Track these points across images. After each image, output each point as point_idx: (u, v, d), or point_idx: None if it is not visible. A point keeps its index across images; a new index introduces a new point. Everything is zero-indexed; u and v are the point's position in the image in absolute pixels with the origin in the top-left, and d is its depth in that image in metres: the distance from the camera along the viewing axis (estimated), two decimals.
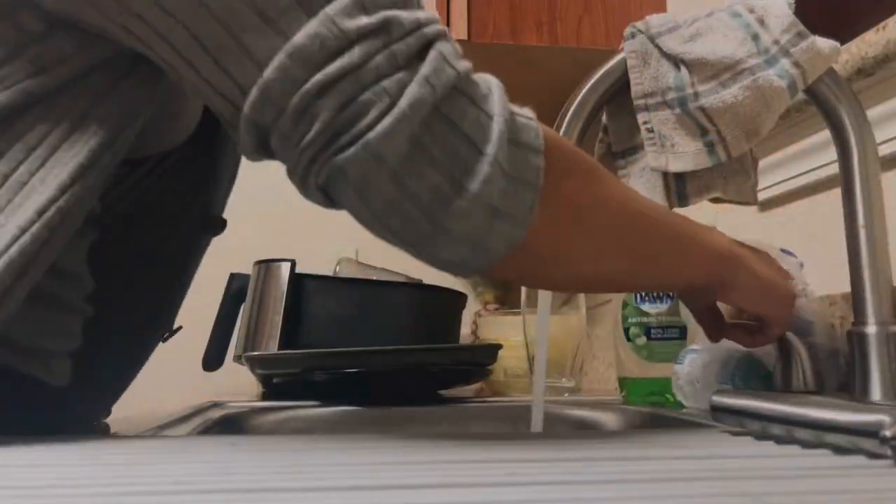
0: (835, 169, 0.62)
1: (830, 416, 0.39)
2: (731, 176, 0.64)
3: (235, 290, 1.33)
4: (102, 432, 0.66)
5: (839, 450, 0.38)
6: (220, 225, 0.78)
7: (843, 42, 0.76)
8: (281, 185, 0.50)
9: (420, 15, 0.44)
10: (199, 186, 0.73)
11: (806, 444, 0.41)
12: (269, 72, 0.42)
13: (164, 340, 0.81)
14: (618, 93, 0.64)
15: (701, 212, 1.12)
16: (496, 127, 0.44)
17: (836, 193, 0.86)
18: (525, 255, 0.47)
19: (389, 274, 1.58)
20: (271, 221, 1.65)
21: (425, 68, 0.43)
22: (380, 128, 0.42)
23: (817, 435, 0.40)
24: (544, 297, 0.61)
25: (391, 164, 0.42)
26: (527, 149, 0.45)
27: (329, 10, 0.43)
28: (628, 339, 0.92)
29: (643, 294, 0.91)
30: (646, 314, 0.91)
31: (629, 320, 0.92)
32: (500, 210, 0.44)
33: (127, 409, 0.80)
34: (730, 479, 0.32)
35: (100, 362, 0.69)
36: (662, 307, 0.91)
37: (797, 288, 0.65)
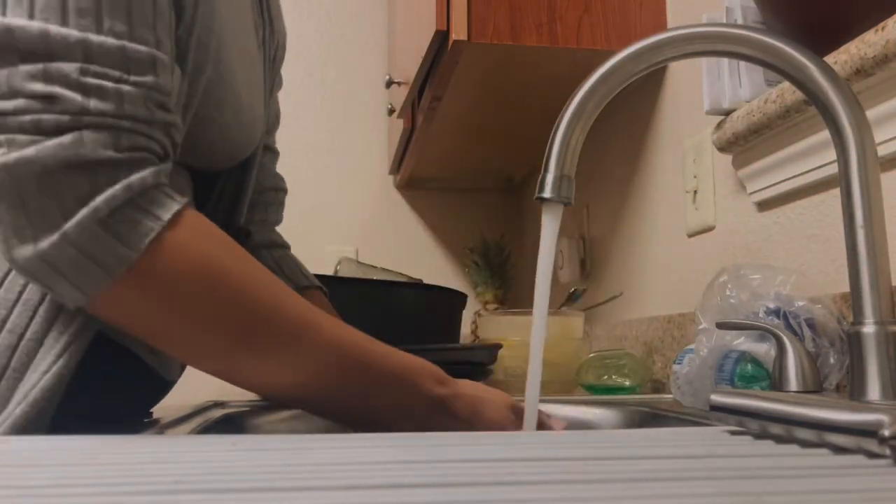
0: (834, 169, 0.62)
1: (829, 416, 0.39)
2: None
3: None
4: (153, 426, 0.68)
5: (838, 449, 0.38)
6: (246, 234, 0.86)
7: (843, 42, 0.76)
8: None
9: (92, 105, 0.49)
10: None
11: (805, 444, 0.41)
12: None
13: None
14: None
15: (701, 215, 1.12)
16: (85, 211, 0.49)
17: (835, 193, 0.86)
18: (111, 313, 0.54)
19: (389, 274, 1.58)
20: None
21: (53, 141, 0.48)
22: None
23: (816, 434, 0.40)
24: (541, 296, 0.61)
25: None
26: (117, 240, 0.50)
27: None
28: None
29: None
30: None
31: None
32: (66, 272, 0.50)
33: None
34: (729, 479, 0.32)
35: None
36: None
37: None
